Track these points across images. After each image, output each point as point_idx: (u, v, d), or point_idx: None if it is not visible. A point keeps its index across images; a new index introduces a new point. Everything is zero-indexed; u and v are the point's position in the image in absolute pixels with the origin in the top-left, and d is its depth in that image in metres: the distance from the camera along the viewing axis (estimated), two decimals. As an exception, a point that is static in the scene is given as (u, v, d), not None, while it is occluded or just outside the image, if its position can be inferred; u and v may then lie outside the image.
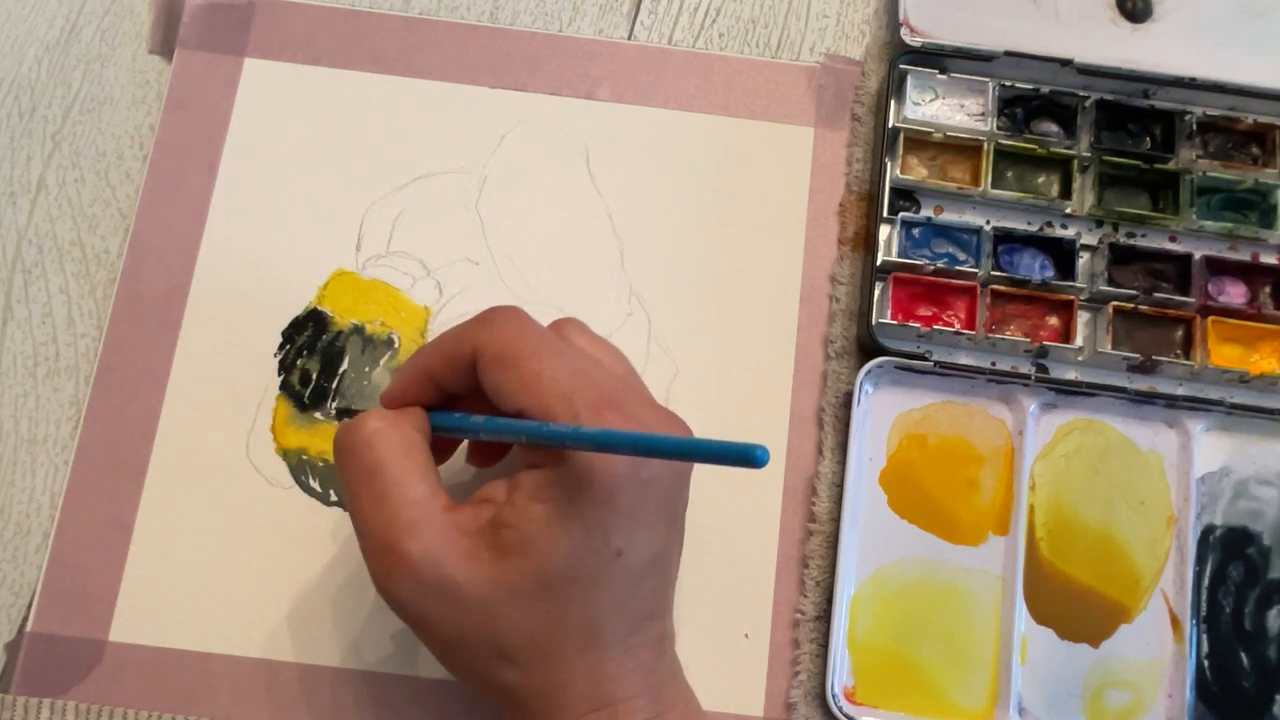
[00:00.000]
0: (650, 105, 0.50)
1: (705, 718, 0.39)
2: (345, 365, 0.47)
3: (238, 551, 0.44)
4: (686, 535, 0.39)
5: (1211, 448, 0.46)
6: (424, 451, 0.37)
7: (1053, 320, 0.48)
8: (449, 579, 0.35)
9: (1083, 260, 0.48)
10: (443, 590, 0.35)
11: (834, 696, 0.43)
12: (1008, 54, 0.49)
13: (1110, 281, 0.47)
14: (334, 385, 0.46)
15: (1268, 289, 0.48)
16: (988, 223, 0.48)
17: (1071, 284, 0.47)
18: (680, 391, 0.47)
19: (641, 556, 0.36)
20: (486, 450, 0.42)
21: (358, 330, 0.47)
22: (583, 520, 0.34)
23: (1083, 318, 0.47)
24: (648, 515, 0.36)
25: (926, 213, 0.49)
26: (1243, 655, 0.45)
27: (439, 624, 0.36)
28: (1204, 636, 0.45)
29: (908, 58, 0.49)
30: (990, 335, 0.46)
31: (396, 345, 0.47)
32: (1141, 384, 0.47)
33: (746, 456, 0.30)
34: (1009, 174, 0.49)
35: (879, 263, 0.47)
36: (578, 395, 0.35)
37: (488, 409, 0.37)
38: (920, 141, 0.49)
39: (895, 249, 0.48)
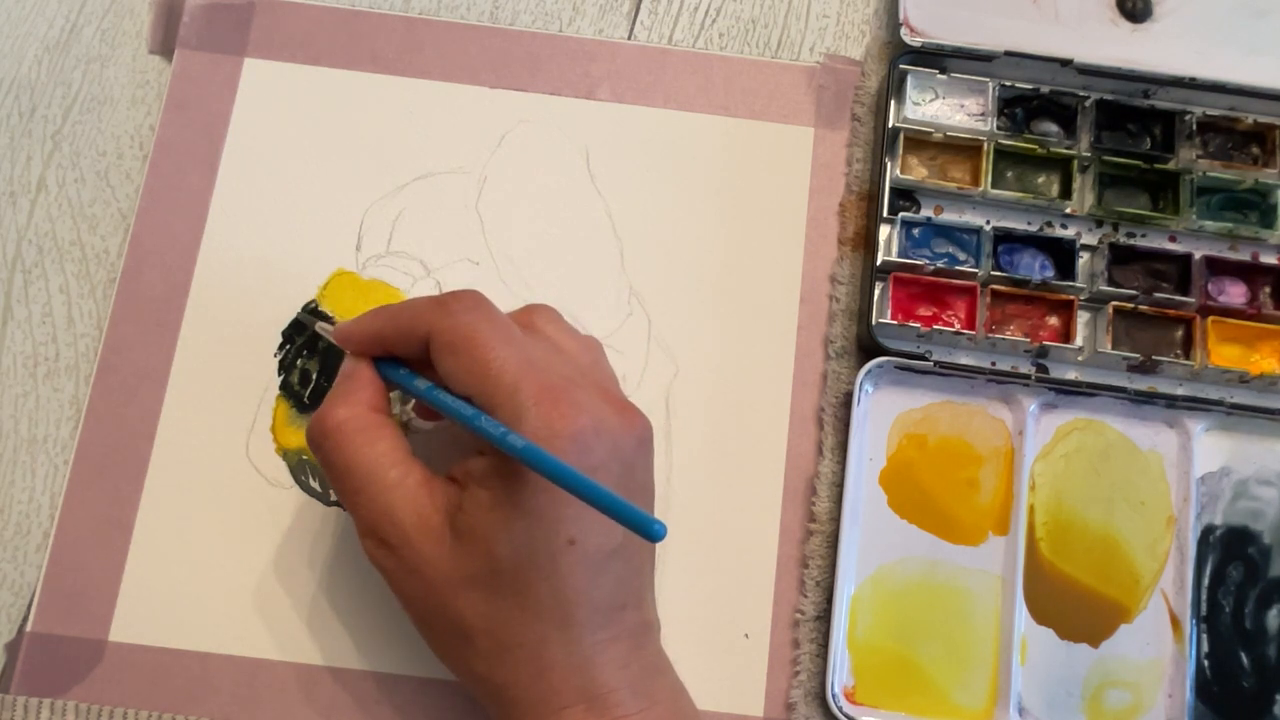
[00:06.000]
0: (650, 105, 0.50)
1: (697, 714, 0.39)
2: (345, 365, 0.47)
3: (238, 551, 0.44)
4: (687, 535, 0.38)
5: (1211, 448, 0.46)
6: (389, 431, 0.38)
7: (1053, 320, 0.48)
8: (419, 556, 0.36)
9: (1083, 260, 0.48)
10: (413, 569, 0.36)
11: (834, 696, 0.43)
12: (1008, 54, 0.49)
13: (1110, 281, 0.47)
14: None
15: (1268, 289, 0.48)
16: (988, 223, 0.48)
17: (1071, 284, 0.47)
18: (680, 391, 0.47)
19: (599, 545, 0.36)
20: (429, 408, 0.42)
21: (358, 330, 0.47)
22: (525, 508, 0.35)
23: (1083, 318, 0.47)
24: None
25: (926, 213, 0.49)
26: (1243, 655, 0.45)
27: (415, 601, 0.37)
28: (1204, 636, 0.45)
29: (908, 58, 0.49)
30: (990, 335, 0.46)
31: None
32: (1141, 384, 0.47)
33: (644, 527, 0.32)
34: (1009, 174, 0.49)
35: (879, 263, 0.47)
36: (523, 387, 0.35)
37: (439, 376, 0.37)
38: (920, 141, 0.49)
39: (895, 249, 0.48)
